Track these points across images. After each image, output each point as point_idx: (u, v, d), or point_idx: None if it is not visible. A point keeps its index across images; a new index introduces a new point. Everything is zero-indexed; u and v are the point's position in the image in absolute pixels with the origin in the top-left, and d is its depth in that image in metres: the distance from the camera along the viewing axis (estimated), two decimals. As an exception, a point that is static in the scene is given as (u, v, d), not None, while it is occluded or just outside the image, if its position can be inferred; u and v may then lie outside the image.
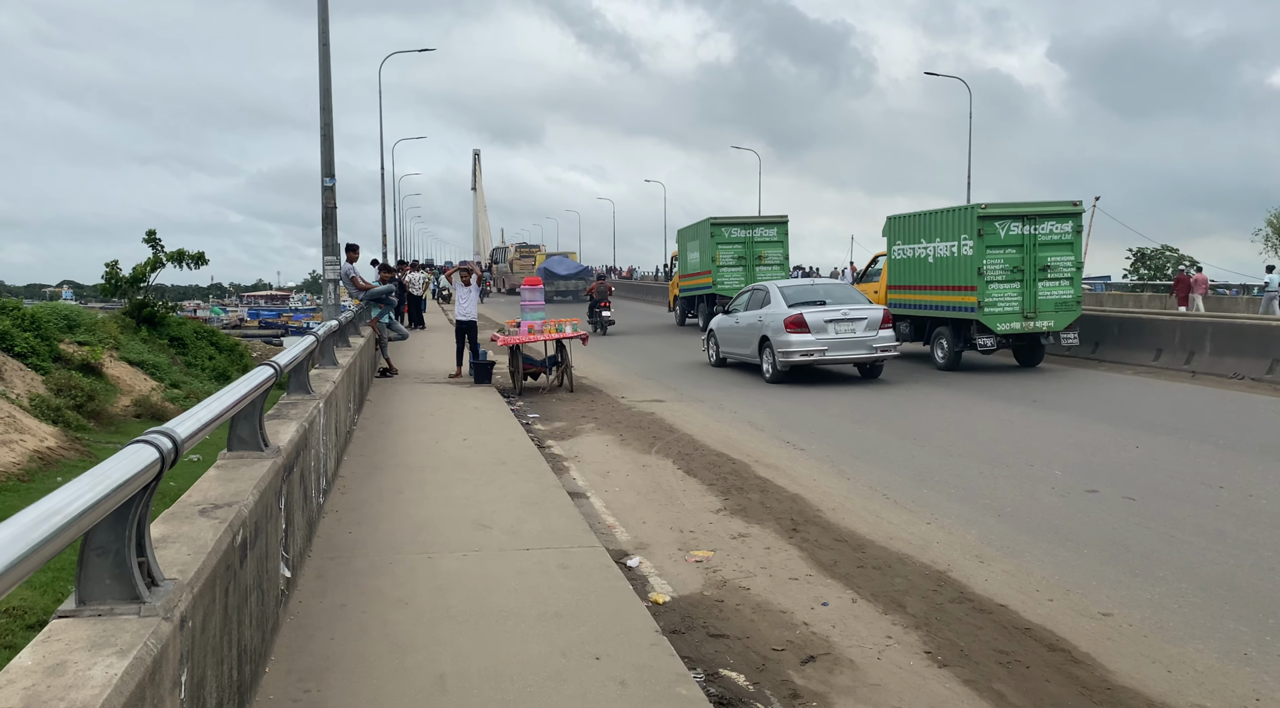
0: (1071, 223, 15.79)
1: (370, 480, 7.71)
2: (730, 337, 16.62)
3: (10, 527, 1.71)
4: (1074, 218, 15.85)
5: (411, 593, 5.01)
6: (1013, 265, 15.52)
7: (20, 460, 10.41)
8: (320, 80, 13.89)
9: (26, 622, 5.87)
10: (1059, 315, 15.71)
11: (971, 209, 15.88)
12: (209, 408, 3.32)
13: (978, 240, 15.45)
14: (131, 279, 19.98)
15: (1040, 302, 15.58)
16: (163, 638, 2.30)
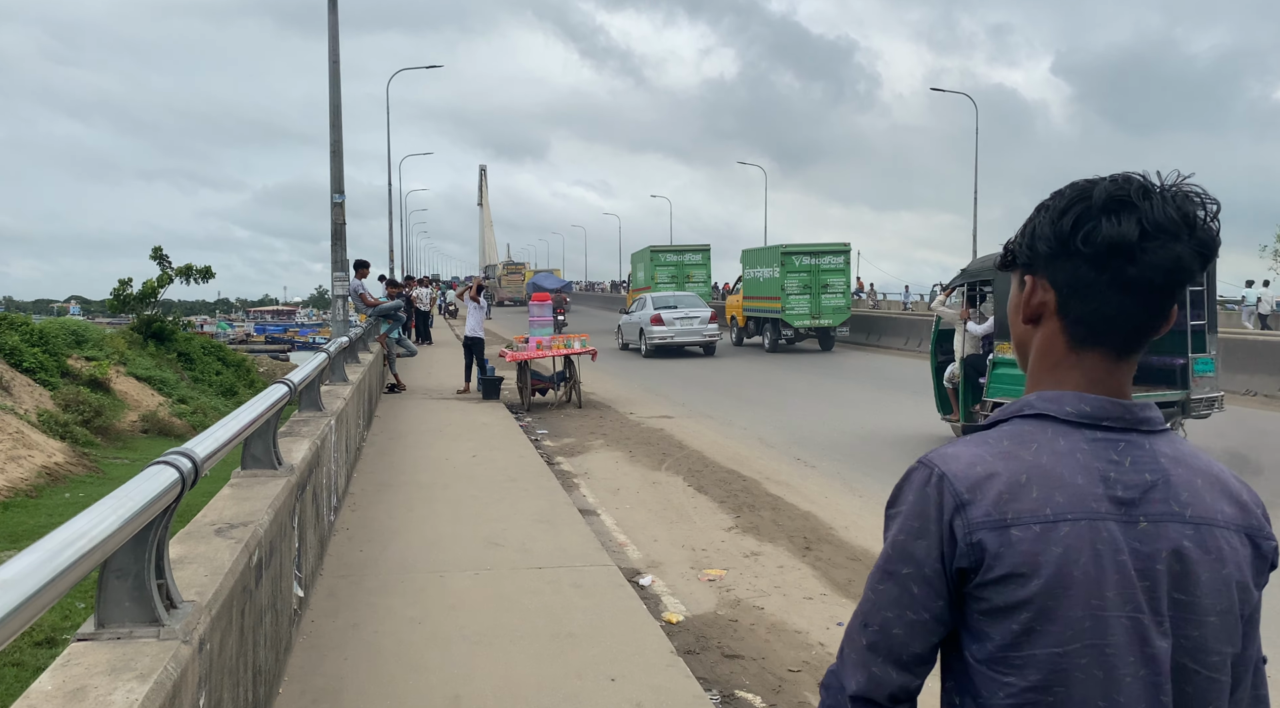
0: (843, 256, 24.40)
1: (381, 498, 7.68)
2: (626, 329, 25.28)
3: (35, 553, 1.69)
4: (845, 254, 24.48)
5: (424, 612, 4.97)
6: (804, 284, 23.76)
7: (28, 476, 10.40)
8: (330, 97, 13.95)
9: (34, 639, 5.83)
10: (835, 316, 23.87)
11: (778, 247, 24.58)
12: (226, 427, 3.30)
13: (781, 268, 23.78)
14: (140, 295, 20.04)
15: (822, 308, 23.77)
16: (182, 662, 2.27)
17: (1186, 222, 1.09)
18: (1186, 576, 1.09)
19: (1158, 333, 1.14)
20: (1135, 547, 1.08)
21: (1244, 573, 1.12)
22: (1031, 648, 1.07)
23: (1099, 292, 1.11)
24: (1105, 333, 1.13)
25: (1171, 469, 1.13)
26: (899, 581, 1.14)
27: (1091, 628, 1.06)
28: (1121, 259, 1.09)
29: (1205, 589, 1.09)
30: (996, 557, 1.08)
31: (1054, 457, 1.11)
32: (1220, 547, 1.11)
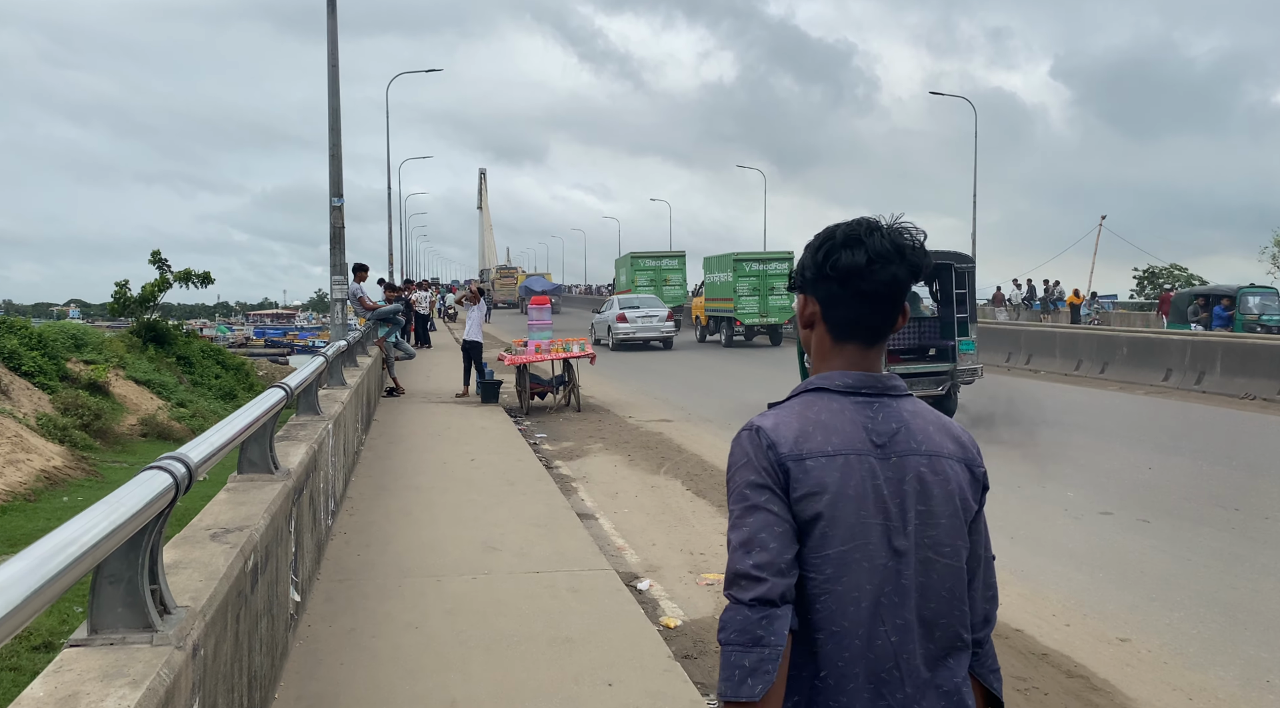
0: (787, 263, 27.12)
1: (378, 502, 7.67)
2: (598, 326, 28.95)
3: (26, 559, 1.68)
4: (789, 260, 27.28)
5: (421, 617, 4.96)
6: (753, 287, 27.20)
7: (27, 480, 10.38)
8: (329, 101, 13.96)
9: (32, 643, 5.82)
10: (780, 314, 27.05)
11: (730, 255, 28.14)
12: (221, 432, 3.29)
13: (734, 273, 27.28)
14: (139, 299, 20.03)
15: (769, 307, 27.17)
16: (175, 668, 2.26)
17: (899, 251, 1.57)
18: (925, 492, 1.56)
19: (894, 328, 1.61)
20: (888, 475, 1.54)
21: (964, 490, 1.59)
22: (825, 549, 1.51)
23: (844, 302, 1.58)
24: (853, 330, 1.60)
25: (910, 420, 1.59)
26: (760, 507, 1.52)
27: (860, 531, 1.51)
28: (856, 279, 1.56)
29: (938, 501, 1.56)
30: (797, 481, 1.52)
31: (830, 414, 1.57)
32: (946, 471, 1.58)
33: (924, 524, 1.56)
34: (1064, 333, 20.83)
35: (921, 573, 1.55)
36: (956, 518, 1.58)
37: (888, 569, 1.53)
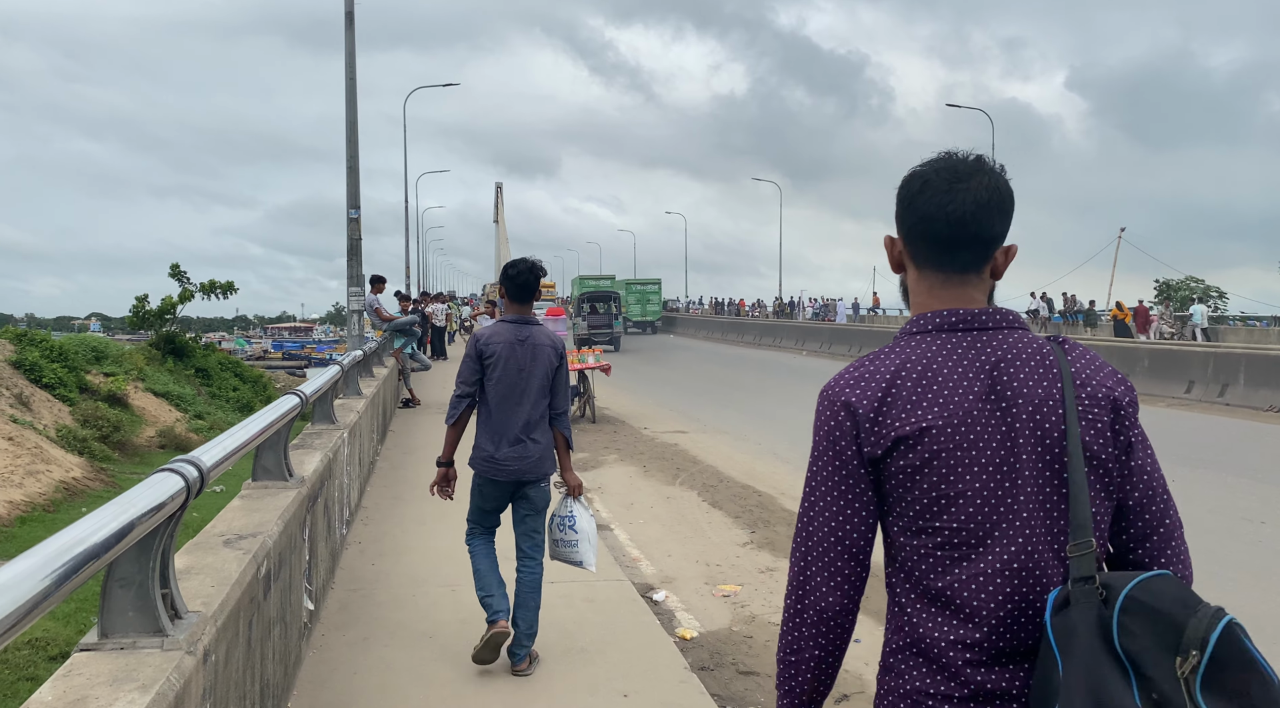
0: (655, 286, 55.75)
1: (393, 511, 7.65)
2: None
3: (33, 557, 1.65)
4: (656, 283, 56.14)
5: (436, 627, 4.92)
6: (637, 298, 53.13)
7: (46, 491, 10.44)
8: (347, 114, 14.05)
9: (49, 653, 5.82)
10: (652, 315, 54.02)
11: (625, 280, 55.41)
12: (235, 437, 3.28)
13: (625, 289, 50.99)
14: (159, 312, 20.17)
15: (645, 311, 53.53)
16: (185, 673, 2.23)
17: None
18: None
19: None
20: None
21: None
22: None
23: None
24: None
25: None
26: None
27: None
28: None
29: None
30: None
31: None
32: None
33: None
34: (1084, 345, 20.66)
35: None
36: None
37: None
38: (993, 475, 1.38)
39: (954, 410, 1.39)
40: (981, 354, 1.44)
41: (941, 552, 1.40)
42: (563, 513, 4.53)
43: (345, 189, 14.20)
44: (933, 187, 1.47)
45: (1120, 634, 1.25)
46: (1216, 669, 1.21)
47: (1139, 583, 1.28)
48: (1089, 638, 1.27)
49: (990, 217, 1.46)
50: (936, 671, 1.40)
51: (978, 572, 1.38)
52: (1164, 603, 1.26)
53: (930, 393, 1.41)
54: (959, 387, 1.41)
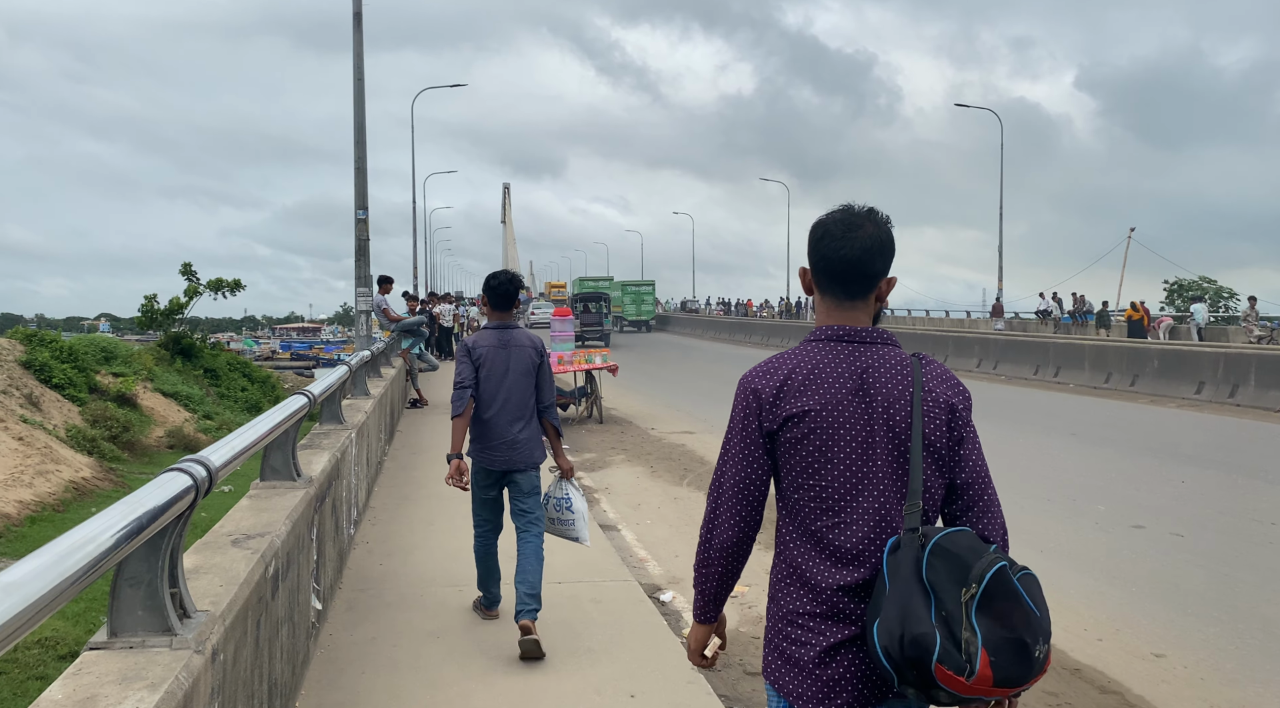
0: (650, 287, 60.06)
1: (401, 511, 7.66)
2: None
3: (41, 556, 1.66)
4: (650, 284, 60.70)
5: (443, 626, 4.93)
6: (632, 299, 57.76)
7: (56, 491, 10.49)
8: (355, 115, 14.08)
9: (58, 653, 5.84)
10: (646, 314, 57.69)
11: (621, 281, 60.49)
12: (243, 436, 3.29)
13: (621, 291, 57.39)
14: (167, 311, 20.24)
15: (640, 310, 57.23)
16: (194, 672, 2.24)
17: None
18: None
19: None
20: None
21: None
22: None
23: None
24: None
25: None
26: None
27: None
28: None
29: None
30: None
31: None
32: None
33: None
34: (1093, 345, 20.60)
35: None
36: None
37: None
38: (855, 450, 1.88)
39: (829, 400, 1.89)
40: (856, 361, 1.93)
41: (816, 503, 1.89)
42: (558, 495, 5.01)
43: (353, 190, 14.24)
44: (831, 235, 1.95)
45: (927, 569, 1.73)
46: (988, 599, 1.69)
47: (945, 535, 1.77)
48: (907, 571, 1.75)
49: (874, 259, 1.94)
50: (808, 593, 1.89)
51: (844, 520, 1.87)
52: (959, 549, 1.74)
53: (813, 386, 1.90)
54: (835, 383, 1.90)
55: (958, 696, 1.75)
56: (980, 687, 1.71)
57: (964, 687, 1.72)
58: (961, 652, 1.68)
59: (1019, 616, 1.70)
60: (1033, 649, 1.71)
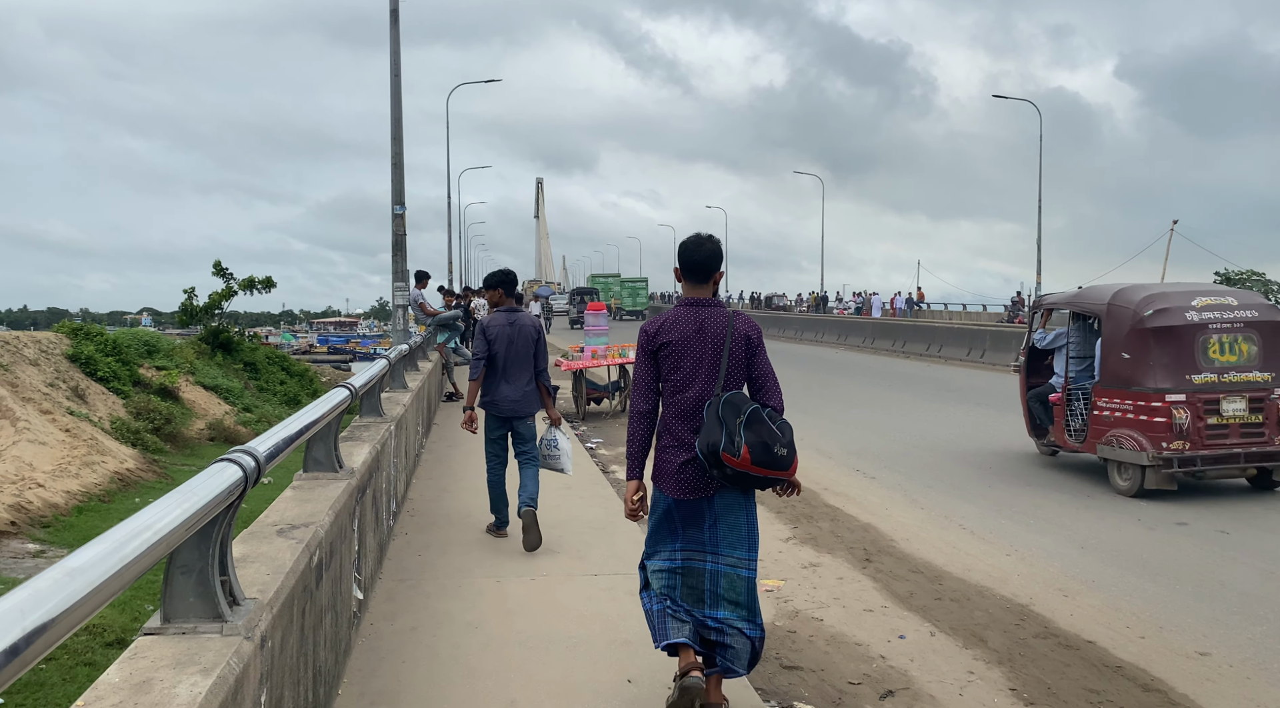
0: (644, 283, 78.78)
1: (439, 503, 7.73)
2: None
3: (102, 543, 1.71)
4: (644, 280, 79.44)
5: (481, 617, 4.98)
6: (629, 292, 75.42)
7: (101, 481, 10.71)
8: (392, 110, 14.18)
9: (105, 639, 5.97)
10: (641, 304, 73.24)
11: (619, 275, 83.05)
12: (288, 428, 3.34)
13: (620, 286, 75.96)
14: (206, 307, 20.55)
15: (635, 301, 72.93)
16: (244, 658, 2.29)
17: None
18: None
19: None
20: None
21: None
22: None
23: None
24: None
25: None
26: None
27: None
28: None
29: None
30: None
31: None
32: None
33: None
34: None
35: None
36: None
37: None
38: (694, 361, 3.60)
39: (681, 335, 3.62)
40: (699, 315, 3.65)
41: (672, 387, 3.63)
42: (549, 437, 6.52)
43: (390, 185, 14.35)
44: (688, 248, 3.72)
45: (721, 410, 3.47)
46: (748, 423, 3.40)
47: (730, 394, 3.52)
48: (712, 414, 3.47)
49: (710, 262, 3.70)
50: (671, 437, 3.63)
51: (687, 396, 3.61)
52: (737, 401, 3.49)
53: (674, 328, 3.64)
54: (686, 326, 3.63)
55: (745, 472, 3.45)
56: (745, 463, 3.41)
57: (736, 462, 3.41)
58: (734, 445, 3.40)
59: (765, 431, 3.43)
60: (773, 447, 3.42)
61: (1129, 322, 8.56)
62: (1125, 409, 8.52)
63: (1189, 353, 8.38)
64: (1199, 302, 8.61)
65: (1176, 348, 8.41)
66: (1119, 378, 8.63)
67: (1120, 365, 8.63)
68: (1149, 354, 8.45)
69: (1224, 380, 8.36)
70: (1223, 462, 8.21)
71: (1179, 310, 8.51)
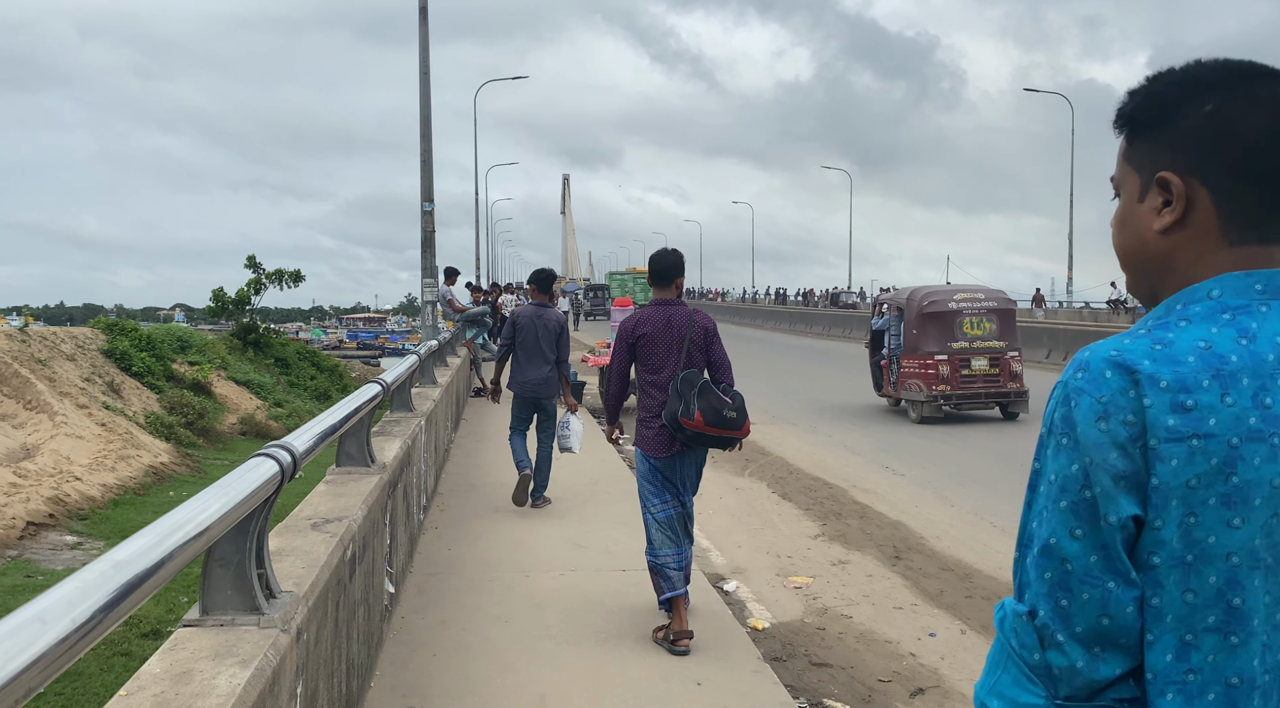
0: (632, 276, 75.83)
1: (468, 498, 7.78)
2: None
3: (147, 536, 1.74)
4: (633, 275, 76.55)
5: (510, 611, 5.01)
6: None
7: (136, 475, 10.88)
8: (420, 108, 14.27)
9: (141, 630, 6.06)
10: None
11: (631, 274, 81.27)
12: (323, 423, 3.38)
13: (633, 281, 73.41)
14: (236, 302, 20.79)
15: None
16: (281, 649, 2.32)
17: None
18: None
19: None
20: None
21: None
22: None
23: None
24: None
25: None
26: None
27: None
28: None
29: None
30: None
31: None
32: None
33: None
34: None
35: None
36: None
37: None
38: (665, 349, 4.57)
39: (653, 328, 4.59)
40: (666, 312, 4.61)
41: (648, 369, 4.61)
42: (563, 420, 7.35)
43: (419, 182, 14.44)
44: (654, 260, 4.79)
45: (680, 385, 4.41)
46: (700, 392, 4.35)
47: (686, 372, 4.46)
48: (673, 388, 4.44)
49: (671, 271, 4.72)
50: (647, 410, 4.59)
51: (660, 377, 4.55)
52: (691, 377, 4.43)
53: (648, 323, 4.60)
54: (657, 322, 4.60)
55: (701, 432, 4.34)
56: (699, 425, 4.29)
57: (691, 424, 4.30)
58: (690, 410, 4.29)
59: (715, 399, 4.33)
60: (722, 411, 4.30)
61: (915, 310, 13.09)
62: (914, 366, 12.91)
63: (949, 329, 12.88)
64: (959, 295, 13.27)
65: (942, 326, 12.87)
66: (910, 346, 13.07)
67: (910, 338, 13.07)
68: (926, 330, 12.90)
69: (973, 347, 12.87)
70: (971, 399, 12.81)
71: (944, 301, 13.12)
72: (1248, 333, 1.00)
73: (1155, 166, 1.07)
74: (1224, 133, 1.04)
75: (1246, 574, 0.96)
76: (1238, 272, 1.04)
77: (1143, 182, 1.09)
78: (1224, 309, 1.02)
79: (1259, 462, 0.96)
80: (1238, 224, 1.04)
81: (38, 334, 14.43)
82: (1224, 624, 0.97)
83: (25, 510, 8.57)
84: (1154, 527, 0.98)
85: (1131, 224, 1.12)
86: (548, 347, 7.23)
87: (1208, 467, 0.96)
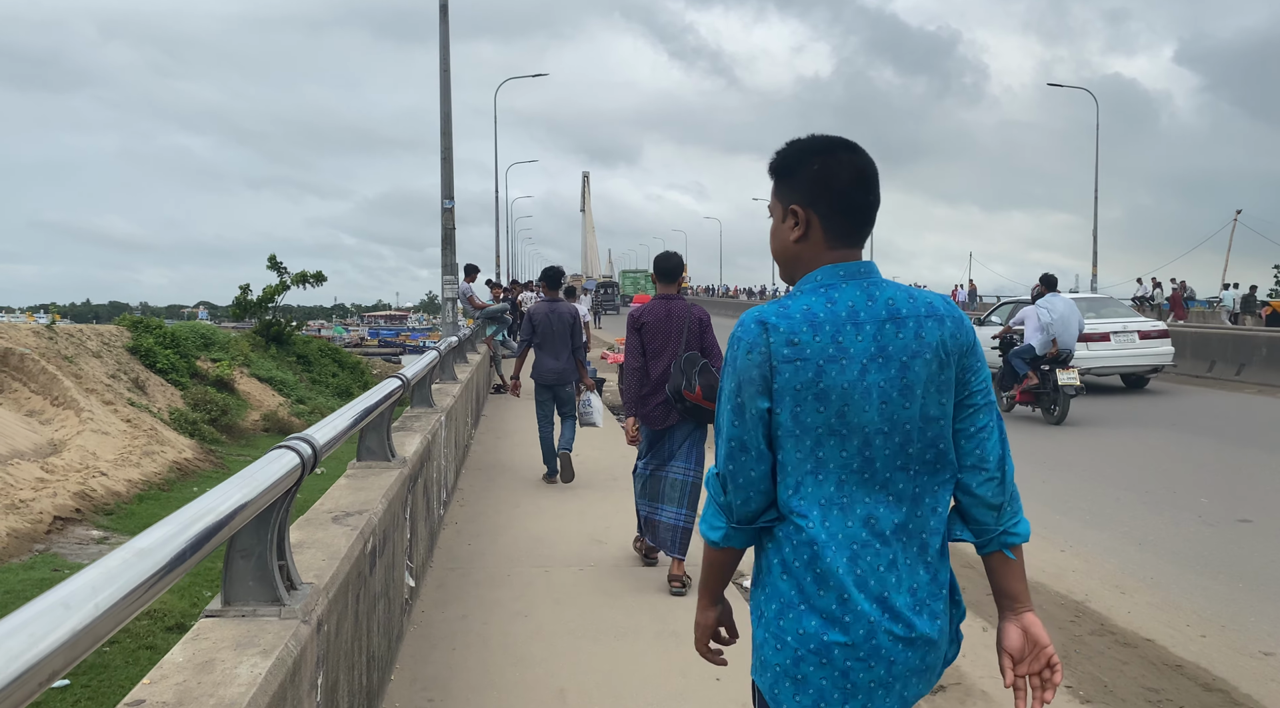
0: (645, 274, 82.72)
1: (488, 493, 7.81)
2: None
3: (168, 525, 1.75)
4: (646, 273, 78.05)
5: (530, 606, 5.02)
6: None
7: (161, 471, 10.99)
8: (441, 105, 14.31)
9: (165, 624, 6.13)
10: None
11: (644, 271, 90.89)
12: (343, 417, 3.39)
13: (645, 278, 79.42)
14: (260, 301, 20.95)
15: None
16: (302, 640, 2.33)
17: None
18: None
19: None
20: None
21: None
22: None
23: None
24: None
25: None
26: None
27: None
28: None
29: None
30: None
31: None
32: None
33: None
34: (1195, 332, 19.74)
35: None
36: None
37: None
38: (666, 336, 5.35)
39: (655, 318, 5.40)
40: (668, 305, 5.43)
41: (651, 353, 5.38)
42: (583, 398, 8.28)
43: (439, 179, 14.48)
44: (658, 260, 5.70)
45: (684, 363, 4.98)
46: (700, 371, 4.91)
47: (688, 354, 5.05)
48: (676, 365, 5.04)
49: (673, 271, 5.64)
50: (646, 387, 5.38)
51: (661, 360, 5.33)
52: (694, 357, 5.00)
53: (651, 314, 5.42)
54: (659, 313, 5.41)
55: (699, 405, 4.88)
56: (699, 398, 4.84)
57: (692, 397, 4.87)
58: (691, 384, 4.85)
59: (711, 378, 4.83)
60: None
61: None
62: None
63: None
64: None
65: None
66: None
67: None
68: None
69: None
70: None
71: None
72: (832, 300, 1.68)
73: (789, 200, 1.75)
74: (825, 181, 1.72)
75: (826, 438, 1.65)
76: (833, 265, 1.71)
77: (783, 209, 1.75)
78: (820, 286, 1.69)
79: (834, 374, 1.63)
80: (835, 236, 1.73)
81: (64, 331, 14.60)
82: (815, 469, 1.67)
83: (52, 505, 8.67)
84: (776, 413, 1.66)
85: (778, 237, 1.78)
86: (562, 338, 8.09)
87: (805, 378, 1.63)
